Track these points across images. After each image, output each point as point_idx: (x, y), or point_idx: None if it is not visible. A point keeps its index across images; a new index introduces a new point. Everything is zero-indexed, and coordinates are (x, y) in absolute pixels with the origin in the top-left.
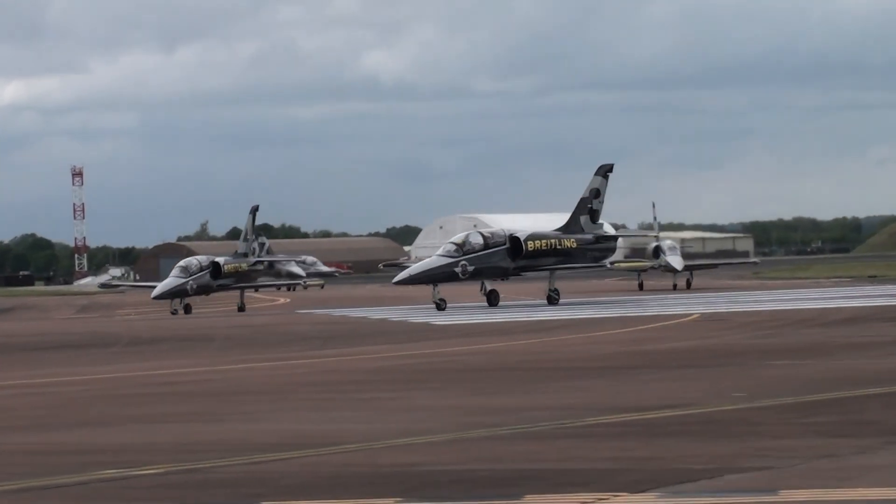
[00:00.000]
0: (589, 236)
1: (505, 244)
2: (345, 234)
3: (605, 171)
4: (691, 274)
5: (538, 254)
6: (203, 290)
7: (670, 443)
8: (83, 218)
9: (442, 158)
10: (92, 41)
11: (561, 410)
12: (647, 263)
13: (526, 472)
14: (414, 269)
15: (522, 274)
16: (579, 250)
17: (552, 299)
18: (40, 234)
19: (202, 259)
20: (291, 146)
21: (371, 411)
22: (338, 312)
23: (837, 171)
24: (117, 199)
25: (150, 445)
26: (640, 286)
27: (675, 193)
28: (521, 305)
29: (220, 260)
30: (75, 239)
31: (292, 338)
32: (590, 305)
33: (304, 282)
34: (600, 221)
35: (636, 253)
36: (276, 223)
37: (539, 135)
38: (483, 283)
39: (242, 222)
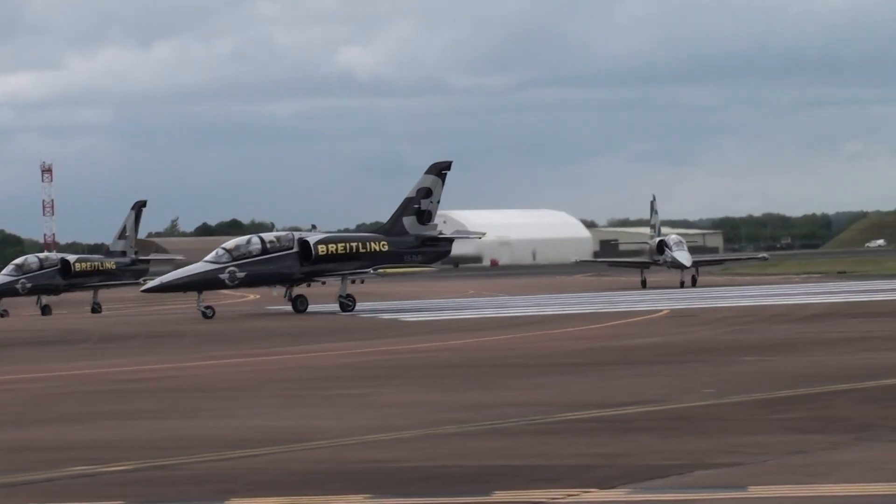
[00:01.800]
0: (411, 238)
1: (293, 248)
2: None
3: (438, 169)
4: (697, 270)
5: (332, 258)
6: (44, 289)
7: (640, 439)
8: (52, 214)
9: (416, 154)
10: (68, 37)
11: (530, 407)
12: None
13: (495, 469)
14: (170, 275)
15: (316, 279)
16: (391, 253)
17: (345, 306)
18: (9, 230)
19: (49, 257)
20: (265, 142)
21: (340, 408)
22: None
23: (809, 168)
24: (89, 195)
25: (120, 442)
26: (643, 284)
27: (646, 189)
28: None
29: (72, 258)
30: (45, 235)
31: (261, 334)
32: (559, 303)
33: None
34: (434, 223)
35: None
36: (245, 219)
37: (514, 131)
38: (288, 289)
39: (214, 219)
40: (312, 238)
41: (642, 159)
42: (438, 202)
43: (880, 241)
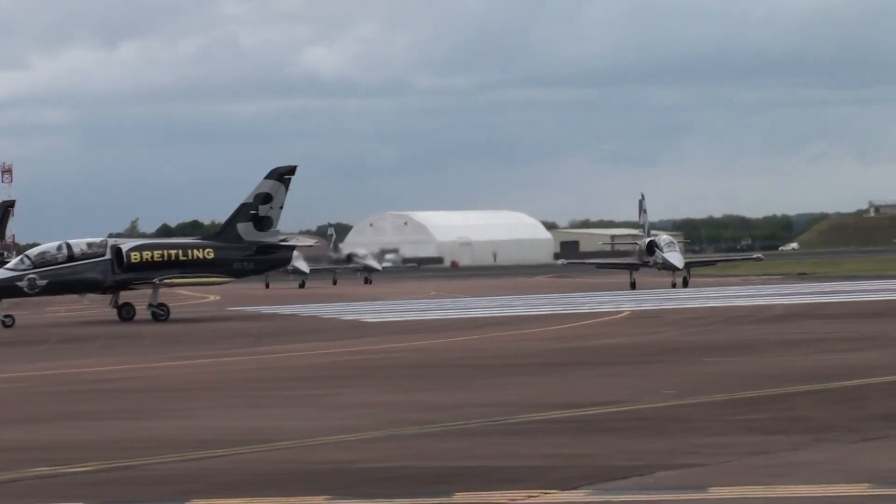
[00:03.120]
0: (245, 245)
1: (105, 255)
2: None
3: (280, 174)
4: (688, 272)
5: (148, 266)
6: None
7: (601, 440)
8: (12, 215)
9: (379, 155)
10: (33, 37)
11: (492, 407)
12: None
13: (457, 470)
14: None
15: (131, 287)
16: (218, 261)
17: (157, 315)
18: None
19: None
20: (228, 143)
21: (303, 408)
22: (268, 310)
23: (772, 169)
24: (50, 196)
25: (83, 443)
26: (633, 285)
27: (609, 190)
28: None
29: None
30: (3, 235)
31: (223, 335)
32: (521, 304)
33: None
34: (276, 229)
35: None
36: (206, 220)
37: (478, 132)
38: (114, 297)
39: (174, 219)
40: (126, 245)
41: (605, 160)
42: (282, 208)
43: (794, 245)
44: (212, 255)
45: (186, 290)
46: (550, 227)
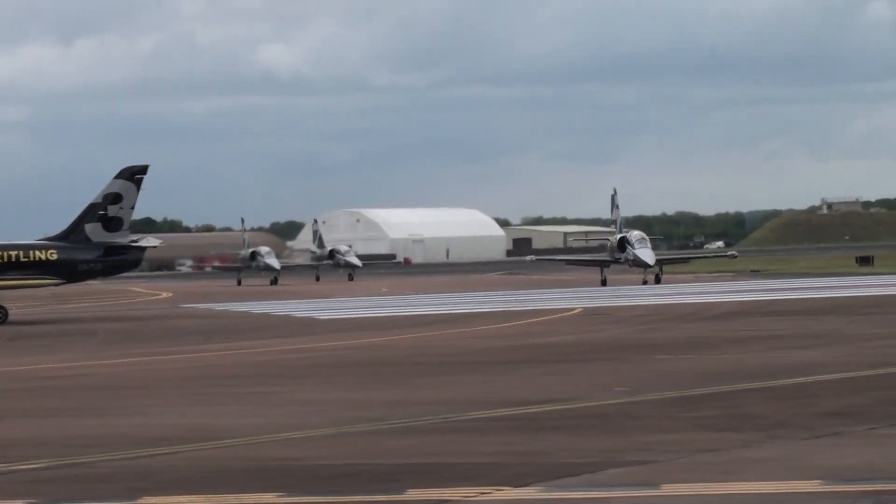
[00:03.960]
0: (93, 246)
1: None
2: (228, 229)
3: (131, 173)
4: (661, 268)
5: None
6: None
7: (553, 437)
8: None
9: (334, 153)
10: None
11: (444, 405)
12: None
13: (408, 467)
14: None
15: None
16: (62, 262)
17: None
18: None
19: None
20: (183, 140)
21: (253, 406)
22: (220, 307)
23: (726, 166)
24: (2, 194)
25: (34, 440)
26: (603, 282)
27: (563, 187)
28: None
29: None
30: None
31: (175, 332)
32: (473, 301)
33: None
34: (126, 230)
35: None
36: (158, 217)
37: (433, 129)
38: None
39: None
40: None
41: (559, 158)
42: (133, 208)
43: (719, 243)
44: (55, 257)
45: (138, 288)
46: (503, 224)
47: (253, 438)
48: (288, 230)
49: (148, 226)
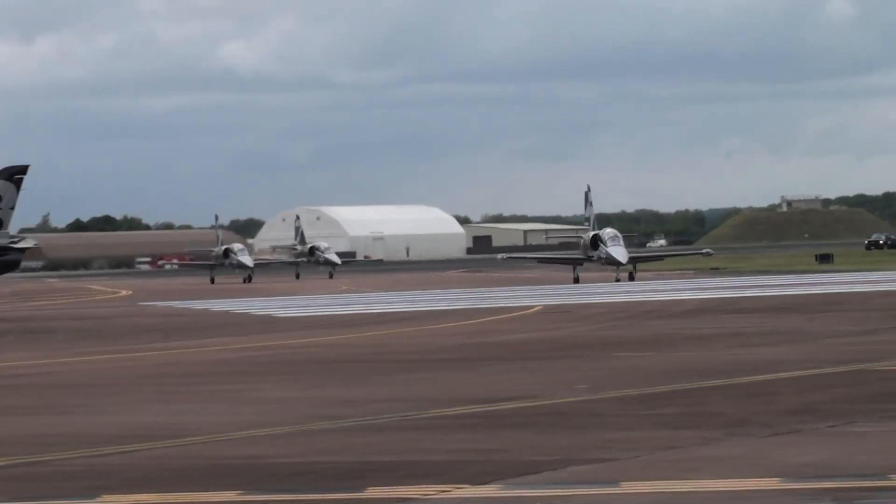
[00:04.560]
0: None
1: None
2: (188, 227)
3: (11, 174)
4: (634, 267)
5: None
6: None
7: (514, 435)
8: None
9: (295, 150)
10: None
11: (405, 402)
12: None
13: (369, 465)
14: None
15: None
16: None
17: None
18: None
19: None
20: (144, 138)
21: (215, 404)
22: (180, 304)
23: (686, 164)
24: None
25: None
26: (576, 280)
27: (523, 185)
28: None
29: None
30: None
31: (135, 330)
32: (433, 298)
33: None
34: (6, 230)
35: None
36: (118, 215)
37: (394, 127)
38: None
39: (86, 214)
40: None
41: (519, 155)
42: (13, 209)
43: (662, 241)
44: None
45: (98, 285)
46: (463, 221)
47: (213, 436)
48: (248, 227)
49: (108, 223)
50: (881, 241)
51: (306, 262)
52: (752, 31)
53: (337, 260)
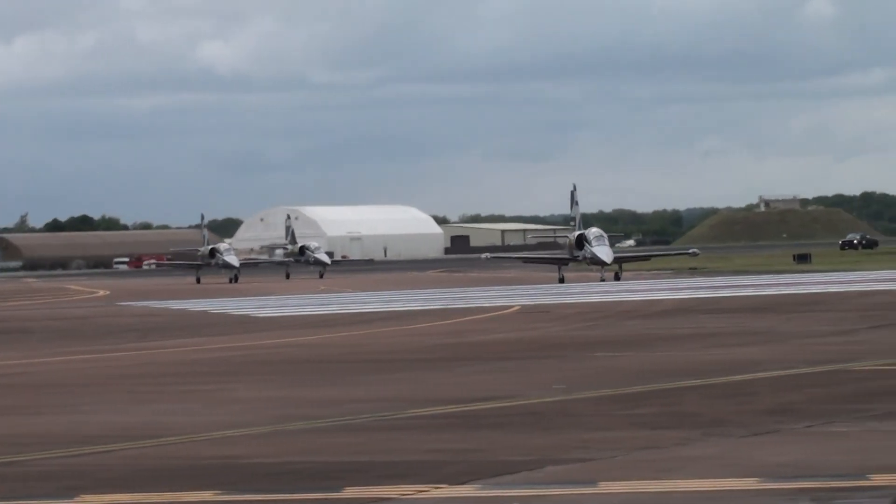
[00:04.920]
0: None
1: None
2: (165, 227)
3: None
4: (620, 267)
5: None
6: None
7: (491, 435)
8: None
9: (274, 150)
10: None
11: (382, 402)
12: None
13: (346, 465)
14: None
15: None
16: None
17: None
18: None
19: None
20: (124, 138)
21: (192, 404)
22: (158, 304)
23: (665, 164)
24: None
25: None
26: (561, 280)
27: (501, 185)
28: None
29: None
30: None
31: (113, 330)
32: (410, 298)
33: None
34: None
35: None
36: (96, 215)
37: (374, 127)
38: None
39: (65, 214)
40: None
41: (497, 155)
42: None
43: (630, 241)
44: None
45: (76, 285)
46: (441, 221)
47: (190, 436)
48: (226, 227)
49: (86, 224)
50: (855, 242)
51: (294, 261)
52: (731, 31)
53: (327, 260)
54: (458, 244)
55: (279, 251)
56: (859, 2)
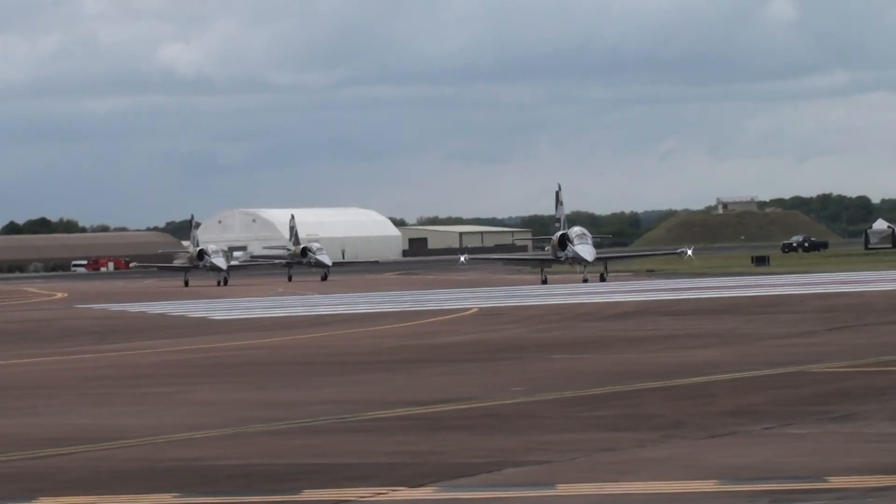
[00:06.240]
0: None
1: None
2: (123, 229)
3: None
4: (605, 266)
5: None
6: None
7: (451, 437)
8: None
9: (232, 152)
10: None
11: (341, 405)
12: None
13: (305, 467)
14: None
15: None
16: None
17: None
18: None
19: None
20: (81, 140)
21: (151, 406)
22: (116, 307)
23: (623, 166)
24: None
25: None
26: (544, 282)
27: (458, 187)
28: None
29: None
30: None
31: (71, 332)
32: (369, 301)
33: None
34: None
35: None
36: (54, 217)
37: (331, 129)
38: None
39: (22, 217)
40: None
41: (455, 157)
42: None
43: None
44: None
45: (34, 288)
46: (399, 224)
47: (149, 439)
48: (184, 229)
49: (44, 226)
50: (795, 245)
51: (285, 263)
52: (690, 32)
53: (329, 261)
54: (416, 246)
55: (238, 253)
56: (817, 4)
